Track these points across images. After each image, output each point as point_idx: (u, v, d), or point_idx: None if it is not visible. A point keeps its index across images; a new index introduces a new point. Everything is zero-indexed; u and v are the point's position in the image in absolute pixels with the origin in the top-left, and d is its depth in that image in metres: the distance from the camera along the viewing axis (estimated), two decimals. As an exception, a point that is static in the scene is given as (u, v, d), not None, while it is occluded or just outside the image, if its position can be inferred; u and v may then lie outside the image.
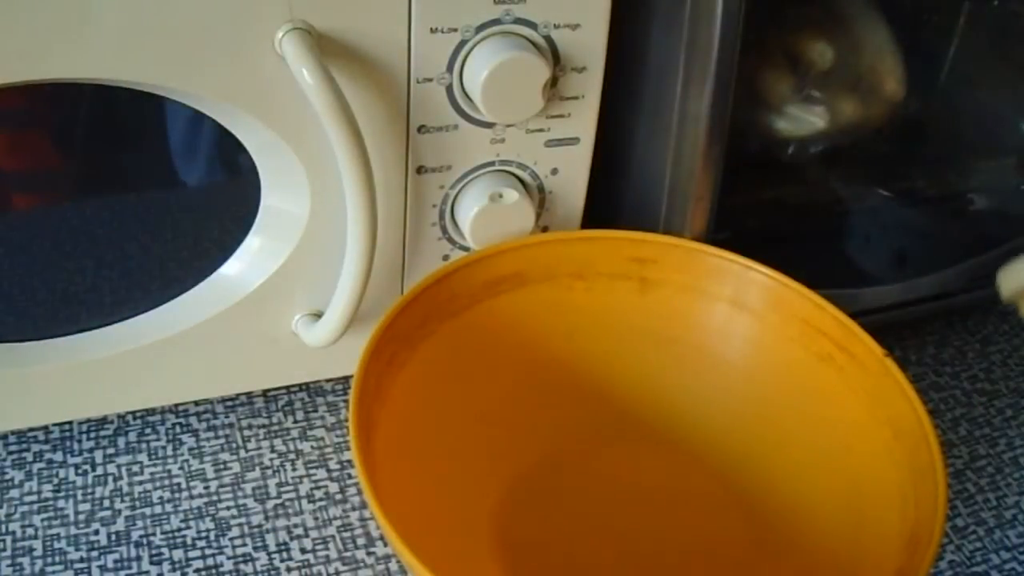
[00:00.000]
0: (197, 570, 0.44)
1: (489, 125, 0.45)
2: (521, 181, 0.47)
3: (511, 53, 0.42)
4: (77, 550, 0.44)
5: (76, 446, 0.49)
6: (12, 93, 0.39)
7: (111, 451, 0.49)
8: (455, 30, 0.42)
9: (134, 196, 0.44)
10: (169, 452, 0.49)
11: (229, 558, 0.45)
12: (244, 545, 0.45)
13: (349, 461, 0.50)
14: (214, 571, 0.44)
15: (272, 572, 0.44)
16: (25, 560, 0.44)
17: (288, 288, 0.46)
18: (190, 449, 0.50)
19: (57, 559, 0.44)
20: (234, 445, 0.50)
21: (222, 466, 0.49)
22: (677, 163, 0.47)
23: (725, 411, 0.48)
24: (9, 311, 0.44)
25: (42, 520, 0.46)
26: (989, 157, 0.62)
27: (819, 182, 0.58)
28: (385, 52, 0.42)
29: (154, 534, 0.45)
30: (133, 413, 0.51)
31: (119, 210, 0.43)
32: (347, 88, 0.41)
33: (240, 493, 0.48)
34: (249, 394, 0.53)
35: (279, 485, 0.48)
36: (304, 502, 0.48)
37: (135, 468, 0.48)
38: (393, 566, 0.45)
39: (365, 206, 0.42)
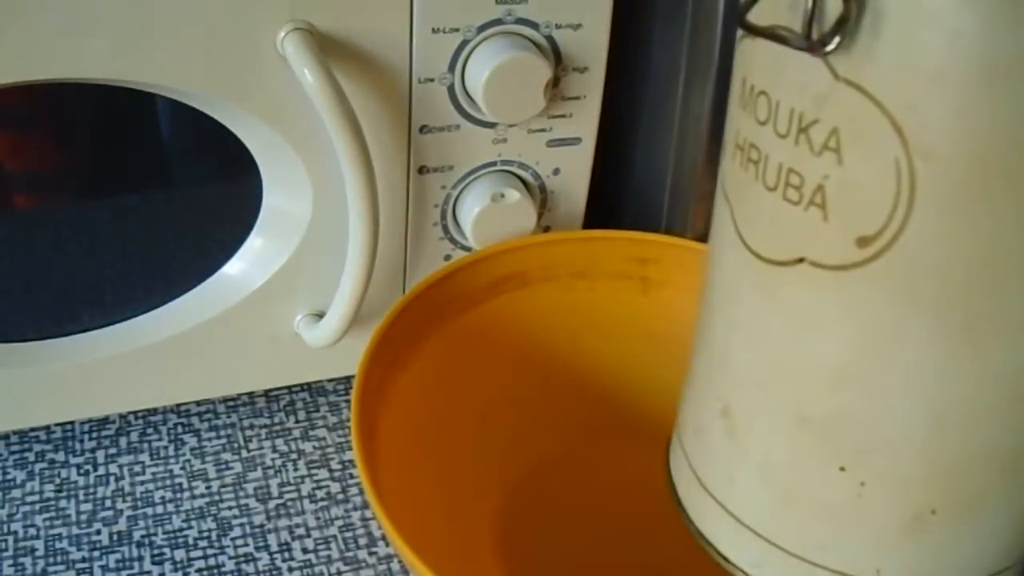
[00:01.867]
0: (199, 570, 0.44)
1: (491, 125, 0.45)
2: (523, 181, 0.47)
3: (513, 53, 0.42)
4: (79, 550, 0.44)
5: (78, 446, 0.49)
6: (12, 93, 0.39)
7: (113, 451, 0.49)
8: (457, 30, 0.42)
9: (136, 196, 0.44)
10: (171, 452, 0.49)
11: (231, 558, 0.45)
12: (246, 545, 0.45)
13: (351, 461, 0.50)
14: (216, 571, 0.44)
15: (274, 572, 0.44)
16: (27, 560, 0.44)
17: (290, 288, 0.46)
18: (192, 449, 0.50)
19: (59, 559, 0.44)
20: (236, 445, 0.50)
21: (224, 466, 0.49)
22: (679, 163, 0.47)
23: (727, 411, 0.48)
24: (11, 311, 0.44)
25: (44, 520, 0.46)
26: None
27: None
28: (387, 52, 0.42)
29: (156, 534, 0.45)
30: (135, 413, 0.51)
31: (121, 210, 0.43)
32: (349, 88, 0.41)
33: (242, 493, 0.48)
34: (251, 394, 0.53)
35: (281, 485, 0.48)
36: (306, 502, 0.47)
37: (137, 468, 0.48)
38: (395, 566, 0.45)
39: (367, 206, 0.42)
